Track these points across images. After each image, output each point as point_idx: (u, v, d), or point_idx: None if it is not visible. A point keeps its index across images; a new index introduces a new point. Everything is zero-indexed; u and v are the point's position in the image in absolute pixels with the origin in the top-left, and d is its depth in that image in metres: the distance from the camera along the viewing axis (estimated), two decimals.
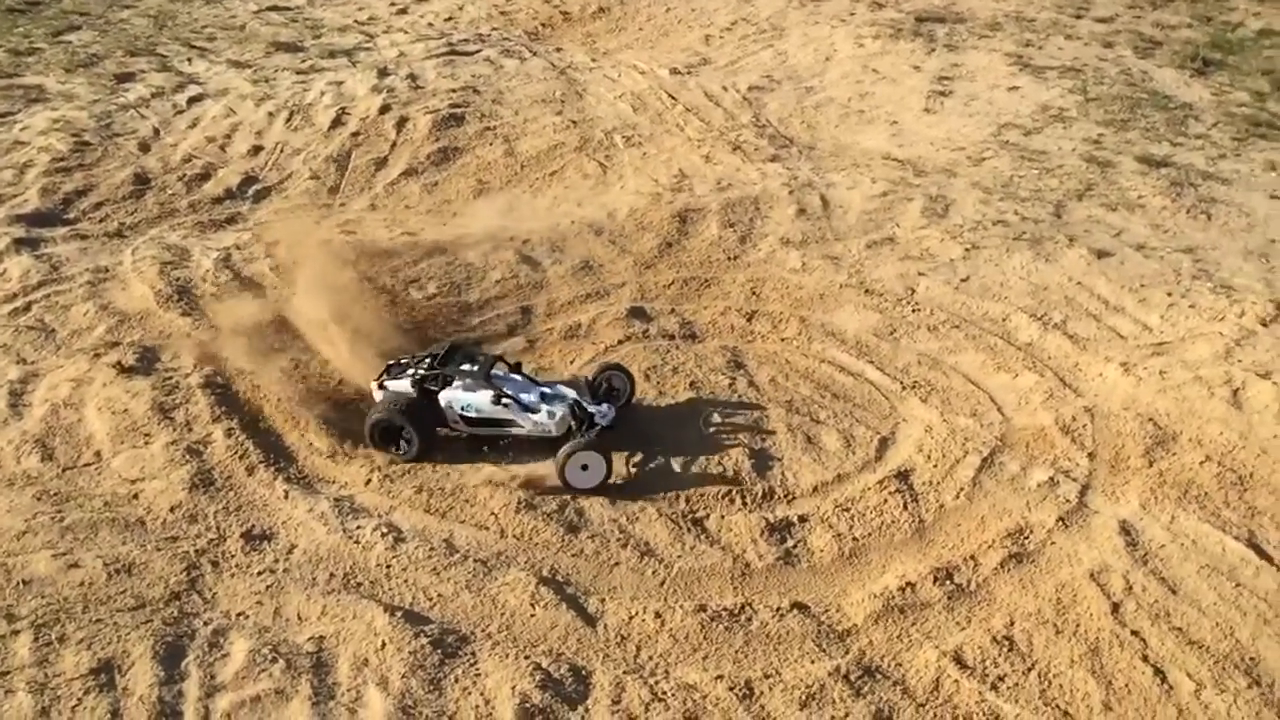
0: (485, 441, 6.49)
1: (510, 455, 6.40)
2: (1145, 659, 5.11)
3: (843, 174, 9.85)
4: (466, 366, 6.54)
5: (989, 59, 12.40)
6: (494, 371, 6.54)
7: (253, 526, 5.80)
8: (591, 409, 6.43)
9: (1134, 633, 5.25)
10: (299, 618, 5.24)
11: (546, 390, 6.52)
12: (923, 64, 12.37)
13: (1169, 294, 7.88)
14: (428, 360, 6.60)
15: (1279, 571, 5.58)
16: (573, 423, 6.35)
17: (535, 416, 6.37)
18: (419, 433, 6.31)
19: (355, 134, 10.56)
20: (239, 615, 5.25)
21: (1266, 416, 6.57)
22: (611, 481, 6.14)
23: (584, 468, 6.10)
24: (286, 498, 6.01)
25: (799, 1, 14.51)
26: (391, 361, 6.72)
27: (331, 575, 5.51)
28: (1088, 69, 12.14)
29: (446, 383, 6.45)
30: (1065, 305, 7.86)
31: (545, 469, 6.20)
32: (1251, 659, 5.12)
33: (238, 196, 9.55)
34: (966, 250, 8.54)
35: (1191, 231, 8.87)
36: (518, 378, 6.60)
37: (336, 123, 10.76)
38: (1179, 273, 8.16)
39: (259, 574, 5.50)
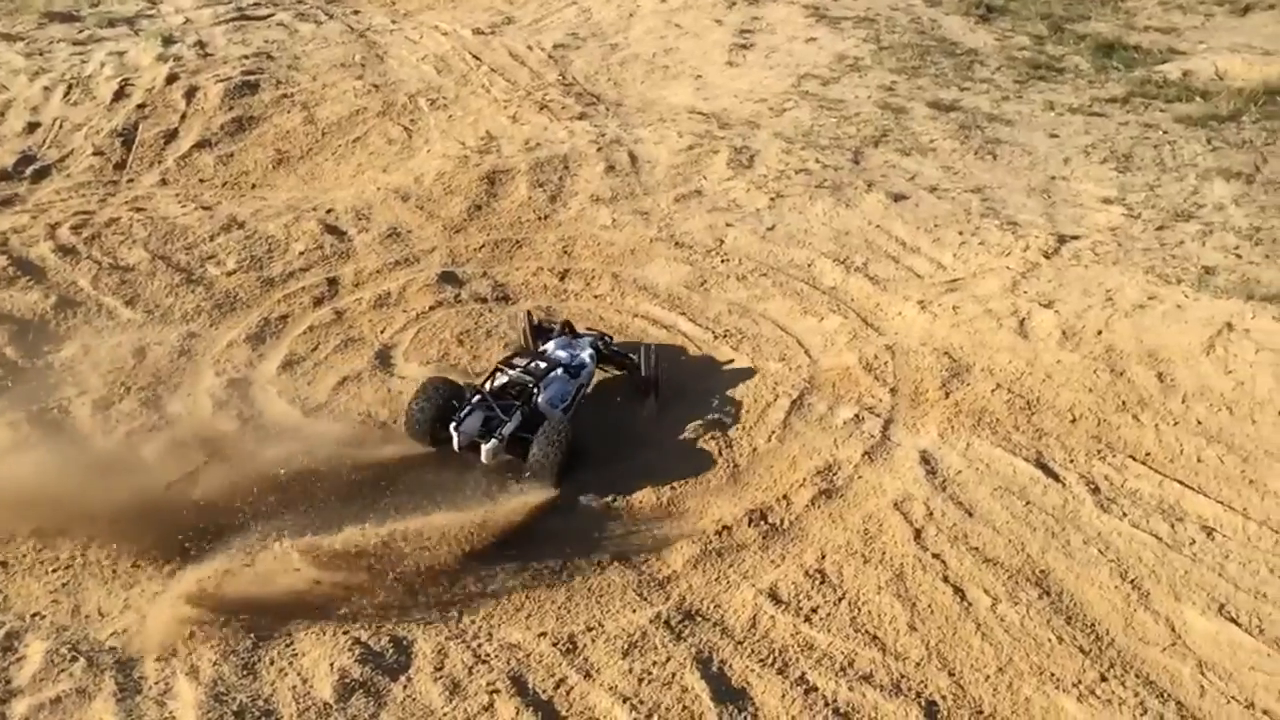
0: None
1: None
2: (946, 579, 5.39)
3: (650, 129, 9.90)
4: (528, 366, 6.41)
5: (787, 11, 12.63)
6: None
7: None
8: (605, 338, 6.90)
9: (935, 555, 5.52)
10: (100, 614, 5.01)
11: (559, 349, 6.63)
12: (724, 18, 12.51)
13: (960, 233, 8.23)
14: (473, 399, 6.08)
15: (1064, 488, 5.94)
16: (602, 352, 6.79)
17: (586, 369, 6.61)
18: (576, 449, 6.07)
19: (141, 106, 10.02)
20: (34, 616, 4.99)
21: (1050, 343, 6.96)
22: None
23: None
24: None
25: None
26: (454, 420, 5.94)
27: (135, 566, 5.28)
28: (880, 19, 12.50)
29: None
30: (866, 248, 8.13)
31: None
32: (1042, 571, 5.45)
33: (14, 177, 8.96)
34: (771, 199, 8.72)
35: (979, 172, 9.28)
36: (541, 361, 6.52)
37: (120, 95, 10.19)
38: (969, 212, 8.53)
39: (54, 571, 5.22)
